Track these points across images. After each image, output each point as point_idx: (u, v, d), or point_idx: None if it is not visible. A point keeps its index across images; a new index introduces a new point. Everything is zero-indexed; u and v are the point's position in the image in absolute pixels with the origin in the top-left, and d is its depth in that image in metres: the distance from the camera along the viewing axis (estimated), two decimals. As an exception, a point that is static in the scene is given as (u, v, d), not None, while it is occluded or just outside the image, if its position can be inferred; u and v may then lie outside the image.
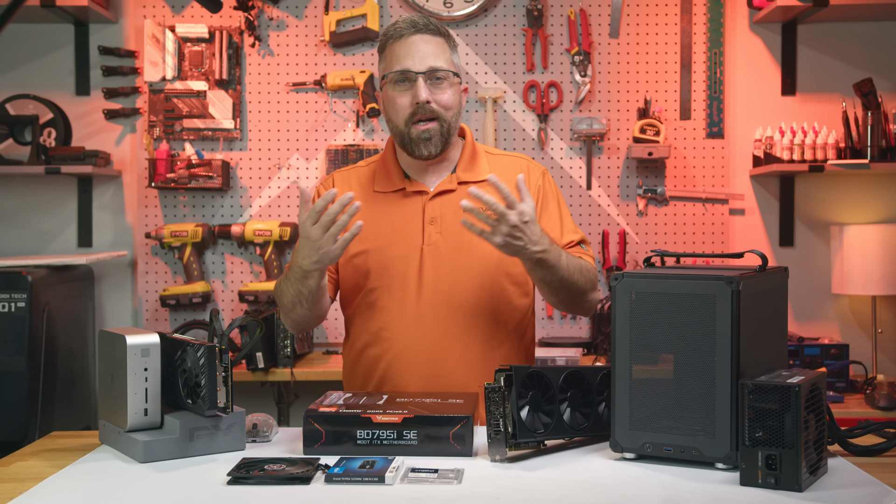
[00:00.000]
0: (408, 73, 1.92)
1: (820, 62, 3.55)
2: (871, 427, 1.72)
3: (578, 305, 1.99)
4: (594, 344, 3.45)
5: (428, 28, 1.95)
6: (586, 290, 1.95)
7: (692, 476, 1.49)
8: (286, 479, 1.48)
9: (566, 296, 1.93)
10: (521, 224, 1.73)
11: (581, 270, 1.92)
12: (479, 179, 2.00)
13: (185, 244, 3.45)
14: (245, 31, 3.53)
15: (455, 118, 1.97)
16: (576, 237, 2.03)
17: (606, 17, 3.55)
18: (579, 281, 1.91)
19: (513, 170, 2.03)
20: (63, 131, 3.47)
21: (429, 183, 2.02)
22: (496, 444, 1.57)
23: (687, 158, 3.55)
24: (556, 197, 2.06)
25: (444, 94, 1.94)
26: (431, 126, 1.93)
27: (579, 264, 1.92)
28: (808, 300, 3.55)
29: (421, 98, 1.91)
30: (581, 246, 2.03)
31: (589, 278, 1.95)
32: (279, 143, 3.56)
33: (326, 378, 3.15)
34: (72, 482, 1.52)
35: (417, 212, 1.98)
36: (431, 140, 1.93)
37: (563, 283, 1.88)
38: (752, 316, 1.54)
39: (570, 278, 1.88)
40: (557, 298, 1.94)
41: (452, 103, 1.95)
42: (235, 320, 1.80)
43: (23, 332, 2.83)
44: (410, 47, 1.93)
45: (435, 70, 1.92)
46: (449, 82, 1.95)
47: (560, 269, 1.85)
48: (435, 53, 1.94)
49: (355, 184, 2.06)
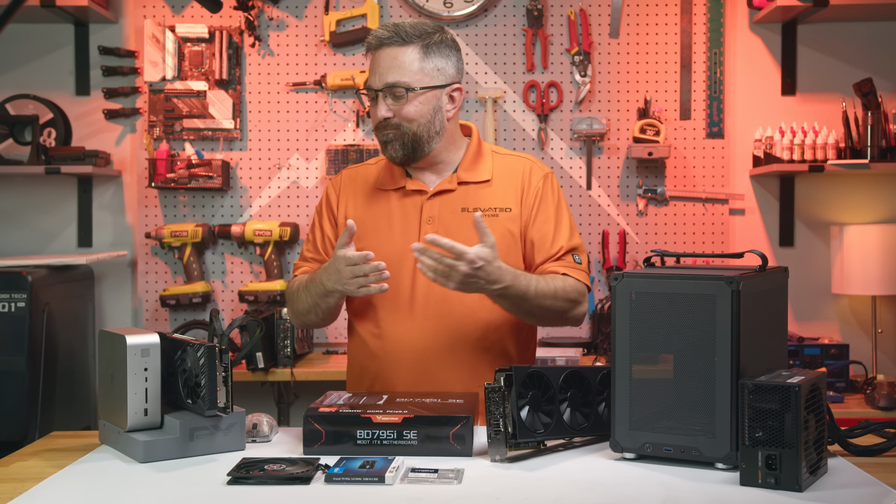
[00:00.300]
0: (370, 91, 1.96)
1: (820, 62, 3.55)
2: (871, 427, 1.72)
3: (557, 324, 2.00)
4: (594, 344, 3.45)
5: (394, 39, 1.93)
6: (563, 311, 1.94)
7: (692, 476, 1.49)
8: (286, 479, 1.48)
9: (538, 320, 1.98)
10: (472, 271, 1.76)
11: (555, 295, 1.90)
12: (480, 180, 2.01)
13: (185, 244, 3.45)
14: (245, 31, 3.53)
15: (423, 127, 1.95)
16: (567, 245, 2.00)
17: (606, 17, 3.55)
18: (553, 306, 1.91)
19: (515, 171, 2.03)
20: (63, 131, 3.47)
21: (429, 182, 2.02)
22: (496, 444, 1.57)
23: (687, 158, 3.55)
24: (556, 201, 2.03)
25: (405, 107, 1.93)
26: (390, 132, 1.95)
27: (553, 288, 1.90)
28: (808, 300, 3.55)
29: (379, 116, 1.94)
30: (573, 256, 1.99)
31: (568, 299, 1.93)
32: (279, 143, 3.56)
33: (326, 378, 3.15)
34: (72, 482, 1.52)
35: (416, 210, 1.99)
36: (390, 144, 1.95)
37: (531, 311, 1.90)
38: (752, 316, 1.54)
39: (540, 305, 1.89)
40: (530, 321, 1.98)
41: (416, 114, 1.94)
42: (235, 320, 1.80)
43: (23, 332, 2.83)
44: (376, 63, 1.95)
45: (393, 86, 1.93)
46: (415, 94, 1.93)
47: (527, 300, 1.86)
48: (398, 67, 1.92)
49: (361, 182, 2.08)
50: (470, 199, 1.99)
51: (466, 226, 1.94)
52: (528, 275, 1.89)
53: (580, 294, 1.97)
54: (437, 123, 1.97)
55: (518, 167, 2.04)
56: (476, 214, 1.79)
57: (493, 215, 1.97)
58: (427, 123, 1.97)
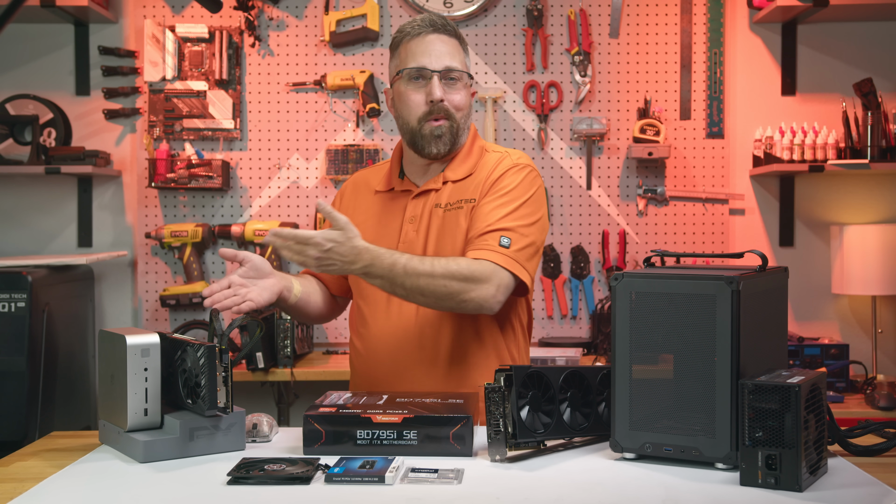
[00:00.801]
0: (424, 71, 1.92)
1: (820, 62, 3.55)
2: (871, 427, 1.72)
3: (455, 307, 1.84)
4: (594, 344, 3.45)
5: (445, 28, 1.95)
6: (451, 292, 1.81)
7: (692, 476, 1.49)
8: (286, 479, 1.48)
9: (427, 301, 1.83)
10: (322, 254, 1.74)
11: (433, 273, 1.79)
12: (461, 177, 1.98)
13: (185, 244, 3.45)
14: (245, 31, 3.53)
15: (465, 120, 1.97)
16: (500, 224, 1.87)
17: (606, 17, 3.55)
18: (431, 285, 1.79)
19: (489, 162, 2.00)
20: (63, 131, 3.47)
21: (420, 182, 2.02)
22: (496, 444, 1.57)
23: (687, 158, 3.55)
24: (512, 187, 1.92)
25: (457, 94, 1.94)
26: (444, 123, 1.93)
27: (432, 267, 1.79)
28: (808, 300, 3.55)
29: (436, 96, 1.91)
30: (500, 237, 1.85)
31: (460, 278, 1.79)
32: (279, 143, 3.56)
33: (326, 378, 3.15)
34: (72, 482, 1.52)
35: (399, 210, 2.00)
36: (442, 138, 1.93)
37: (409, 290, 1.80)
38: (752, 316, 1.54)
39: (416, 285, 1.79)
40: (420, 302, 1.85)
41: (464, 104, 1.95)
42: (235, 320, 1.80)
43: (23, 332, 2.83)
44: (427, 45, 1.93)
45: (450, 70, 1.93)
46: (462, 83, 1.95)
47: (396, 279, 1.78)
48: (451, 54, 1.94)
49: (363, 185, 2.10)
50: (447, 195, 1.97)
51: (439, 221, 1.94)
52: (398, 253, 1.80)
53: (484, 274, 1.81)
54: (468, 120, 1.99)
55: (493, 160, 2.00)
56: (318, 202, 1.77)
57: (459, 207, 1.94)
58: (467, 116, 1.98)
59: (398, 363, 1.94)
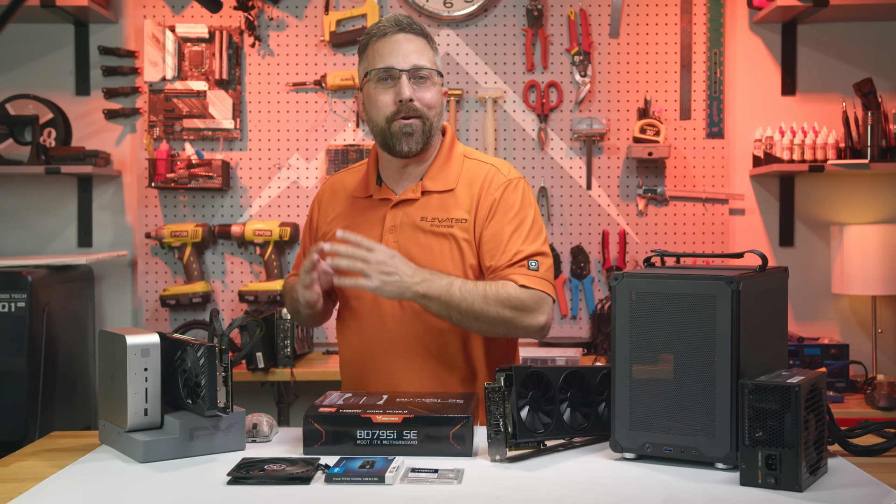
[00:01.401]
0: (391, 71, 1.90)
1: (820, 62, 3.55)
2: (871, 427, 1.72)
3: (509, 333, 1.88)
4: (594, 344, 3.45)
5: (411, 28, 1.93)
6: (507, 319, 1.84)
7: (692, 476, 1.49)
8: (286, 479, 1.48)
9: (481, 327, 1.85)
10: (388, 260, 1.78)
11: (486, 299, 1.81)
12: (443, 189, 1.95)
13: (185, 244, 3.45)
14: (245, 31, 3.53)
15: (437, 117, 1.95)
16: (523, 250, 1.89)
17: (606, 17, 3.55)
18: (486, 311, 1.82)
19: (477, 178, 1.96)
20: (63, 131, 3.47)
21: (398, 189, 1.98)
22: (496, 444, 1.57)
23: (687, 158, 3.55)
24: (518, 206, 1.93)
25: (427, 92, 1.91)
26: (414, 122, 1.90)
27: (484, 292, 1.82)
28: (808, 300, 3.55)
29: (405, 95, 1.88)
30: (528, 262, 1.88)
31: (511, 306, 1.83)
32: (279, 143, 3.56)
33: (326, 378, 3.15)
34: (72, 482, 1.52)
35: (379, 220, 1.96)
36: (413, 136, 1.90)
37: (464, 315, 1.82)
38: (752, 316, 1.54)
39: (471, 309, 1.81)
40: (474, 329, 1.87)
41: (435, 102, 1.93)
42: (235, 320, 1.80)
43: (23, 332, 2.83)
44: (394, 45, 1.91)
45: (419, 68, 1.91)
46: (432, 81, 1.93)
47: (453, 302, 1.80)
48: (419, 52, 1.92)
49: (341, 191, 2.07)
50: (430, 208, 1.94)
51: (422, 238, 1.92)
52: (451, 275, 1.84)
53: (535, 301, 1.86)
54: (441, 118, 1.97)
55: (481, 173, 1.96)
56: (337, 233, 1.82)
57: (449, 227, 1.92)
58: (439, 115, 1.96)
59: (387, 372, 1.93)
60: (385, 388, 1.91)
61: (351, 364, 2.03)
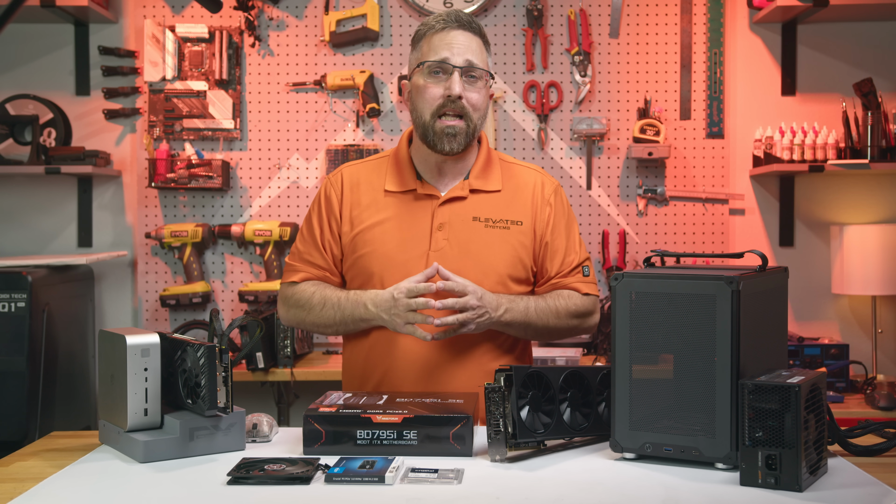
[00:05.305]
0: (444, 65, 1.89)
1: (820, 62, 3.55)
2: (871, 427, 1.72)
3: (568, 337, 2.06)
4: (594, 344, 3.45)
5: (470, 26, 1.93)
6: (574, 328, 2.00)
7: (692, 476, 1.49)
8: (286, 479, 1.48)
9: (548, 338, 2.03)
10: (478, 302, 1.82)
11: (558, 313, 1.95)
12: (491, 189, 1.98)
13: (185, 244, 3.45)
14: (245, 31, 3.53)
15: (481, 120, 1.94)
16: (577, 259, 2.01)
17: (606, 17, 3.55)
18: (558, 324, 1.96)
19: (526, 182, 2.00)
20: (63, 131, 3.47)
21: (441, 186, 1.97)
22: (496, 444, 1.57)
23: (687, 158, 3.55)
24: (567, 214, 2.03)
25: (476, 93, 1.91)
26: (458, 124, 1.89)
27: (555, 307, 1.95)
28: (808, 300, 3.55)
29: (454, 91, 1.87)
30: (583, 269, 2.01)
31: (577, 314, 1.98)
32: (279, 143, 3.56)
33: (326, 378, 3.15)
34: (72, 482, 1.52)
35: (427, 216, 1.94)
36: (456, 137, 1.90)
37: (538, 333, 1.96)
38: (752, 316, 1.54)
39: (545, 326, 1.94)
40: (544, 339, 2.03)
41: (481, 104, 1.93)
42: (235, 320, 1.80)
43: (23, 332, 2.83)
44: (451, 40, 1.90)
45: (472, 67, 1.90)
46: (483, 82, 1.93)
47: (530, 322, 1.91)
48: (474, 50, 1.91)
49: (364, 181, 2.00)
50: (481, 208, 1.95)
51: (477, 235, 1.92)
52: (521, 297, 1.92)
53: (593, 305, 2.02)
54: (484, 121, 1.97)
55: (529, 179, 2.01)
56: (436, 265, 1.83)
57: (505, 227, 1.94)
58: (483, 118, 1.96)
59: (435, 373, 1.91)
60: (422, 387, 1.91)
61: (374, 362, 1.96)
